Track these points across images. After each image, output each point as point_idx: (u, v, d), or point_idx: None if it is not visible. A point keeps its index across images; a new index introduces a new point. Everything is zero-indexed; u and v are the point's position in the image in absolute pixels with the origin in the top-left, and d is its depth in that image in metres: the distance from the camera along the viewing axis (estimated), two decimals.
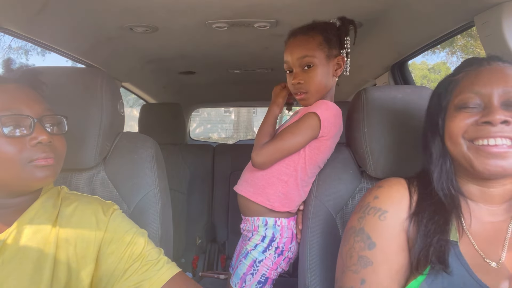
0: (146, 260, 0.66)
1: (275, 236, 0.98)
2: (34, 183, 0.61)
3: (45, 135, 0.61)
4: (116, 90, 0.95)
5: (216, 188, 2.05)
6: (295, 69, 0.96)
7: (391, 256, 0.61)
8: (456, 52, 10.57)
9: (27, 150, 0.60)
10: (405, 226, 0.63)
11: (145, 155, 0.92)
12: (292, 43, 0.96)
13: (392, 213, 0.64)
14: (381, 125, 0.90)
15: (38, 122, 0.61)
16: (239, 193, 1.02)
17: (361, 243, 0.63)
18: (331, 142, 0.95)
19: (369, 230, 0.63)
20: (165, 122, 1.95)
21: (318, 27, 0.95)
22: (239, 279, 0.97)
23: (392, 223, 0.63)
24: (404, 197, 0.66)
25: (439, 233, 0.59)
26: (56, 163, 0.64)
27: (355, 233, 0.65)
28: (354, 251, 0.64)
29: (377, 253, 0.61)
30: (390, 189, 0.67)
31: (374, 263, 0.61)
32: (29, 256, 0.60)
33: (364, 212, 0.66)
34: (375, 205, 0.66)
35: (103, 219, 0.68)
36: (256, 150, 0.95)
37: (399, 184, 0.68)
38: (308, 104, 0.97)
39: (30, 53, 9.34)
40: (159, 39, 1.32)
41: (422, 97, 0.93)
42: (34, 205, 0.65)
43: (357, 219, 0.67)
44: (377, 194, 0.67)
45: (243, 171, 1.06)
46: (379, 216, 0.64)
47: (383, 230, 0.63)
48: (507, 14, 0.80)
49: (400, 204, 0.65)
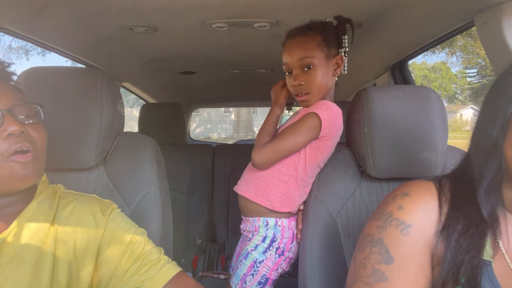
0: (147, 260, 0.66)
1: (276, 236, 0.98)
2: (15, 182, 0.59)
3: (16, 125, 0.58)
4: (116, 90, 0.95)
5: (216, 188, 2.05)
6: (295, 70, 0.95)
7: (409, 275, 0.56)
8: (456, 52, 10.58)
9: (0, 143, 0.57)
10: (432, 242, 0.57)
11: (145, 155, 0.92)
12: (291, 44, 0.96)
13: (417, 228, 0.57)
14: (381, 125, 0.90)
15: (7, 113, 0.58)
16: (240, 193, 1.02)
17: (378, 255, 0.58)
18: (332, 142, 0.95)
19: (388, 243, 0.58)
20: (165, 122, 1.95)
21: (316, 27, 0.95)
22: (239, 279, 0.97)
23: (415, 238, 0.57)
24: (433, 210, 0.58)
25: (472, 250, 0.53)
26: (35, 158, 0.61)
27: (373, 243, 0.60)
28: (369, 261, 0.59)
29: (394, 269, 0.56)
30: (418, 200, 0.59)
31: (389, 279, 0.56)
32: (28, 258, 0.59)
33: (386, 221, 0.60)
34: (399, 216, 0.59)
35: (101, 219, 0.67)
36: (256, 150, 0.94)
37: (428, 192, 0.60)
38: (309, 105, 0.97)
39: (30, 53, 9.36)
40: (159, 39, 1.32)
41: (422, 96, 0.93)
42: (31, 206, 0.64)
43: (377, 227, 0.60)
44: (402, 204, 0.60)
45: (244, 171, 1.06)
46: (402, 230, 0.57)
47: (405, 246, 0.57)
48: (507, 14, 0.80)
49: (428, 218, 0.57)
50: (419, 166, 0.88)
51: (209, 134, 15.26)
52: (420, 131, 0.87)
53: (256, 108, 14.80)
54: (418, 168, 0.88)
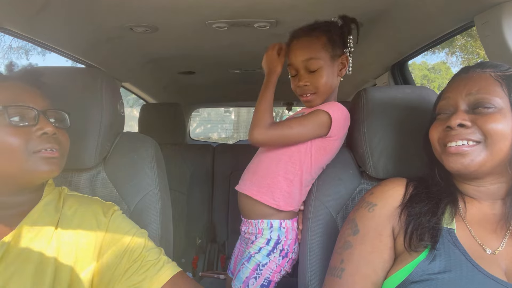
0: (146, 260, 0.66)
1: (280, 238, 0.97)
2: (38, 175, 0.62)
3: (50, 126, 0.63)
4: (116, 90, 0.95)
5: (216, 188, 2.05)
6: (300, 71, 0.94)
7: (367, 241, 0.68)
8: (455, 52, 10.57)
9: (33, 140, 0.61)
10: (394, 215, 0.69)
11: (145, 155, 0.92)
12: (296, 45, 0.95)
13: (381, 205, 0.71)
14: (381, 125, 0.90)
15: (42, 114, 0.63)
16: (243, 192, 1.00)
17: (349, 230, 0.72)
18: (338, 144, 0.95)
19: (358, 220, 0.72)
20: (165, 122, 1.95)
21: (321, 28, 0.94)
22: (241, 282, 0.96)
23: (378, 213, 0.70)
24: (398, 191, 0.72)
25: (430, 214, 0.65)
26: (61, 156, 0.66)
27: (348, 222, 0.74)
28: (343, 236, 0.73)
29: (358, 238, 0.70)
30: (385, 186, 0.74)
31: (353, 246, 0.69)
32: (31, 258, 0.60)
33: (359, 205, 0.75)
34: (369, 199, 0.73)
35: (103, 221, 0.69)
36: (260, 129, 0.90)
37: (397, 181, 0.74)
38: (313, 105, 0.96)
39: (30, 53, 9.35)
40: (159, 39, 1.32)
41: (422, 97, 0.93)
42: (37, 208, 0.66)
43: (354, 211, 0.75)
44: (373, 190, 0.75)
45: (245, 170, 1.04)
46: (369, 209, 0.72)
47: (368, 220, 0.70)
48: (507, 14, 0.80)
49: (391, 197, 0.71)
50: (419, 166, 0.88)
51: (209, 134, 15.26)
52: (420, 131, 0.87)
53: None
54: (418, 168, 0.88)
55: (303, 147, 0.93)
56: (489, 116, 0.60)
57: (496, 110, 0.61)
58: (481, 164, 0.61)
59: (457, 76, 0.69)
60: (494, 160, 0.61)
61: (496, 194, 0.65)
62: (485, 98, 0.61)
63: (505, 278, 0.58)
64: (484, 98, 0.61)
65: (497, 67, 0.65)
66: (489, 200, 0.66)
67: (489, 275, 0.58)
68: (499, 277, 0.58)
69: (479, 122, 0.61)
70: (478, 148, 0.61)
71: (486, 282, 0.57)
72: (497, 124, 0.60)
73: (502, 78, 0.62)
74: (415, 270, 0.61)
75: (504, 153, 0.61)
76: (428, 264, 0.60)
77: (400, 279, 0.62)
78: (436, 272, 0.59)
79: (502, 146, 0.60)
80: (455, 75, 0.70)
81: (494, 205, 0.66)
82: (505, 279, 0.58)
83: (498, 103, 0.61)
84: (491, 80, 0.63)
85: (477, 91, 0.62)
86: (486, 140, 0.61)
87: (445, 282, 0.58)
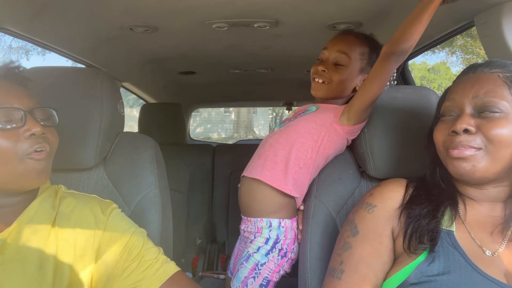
0: (145, 259, 0.66)
1: (279, 237, 0.96)
2: (32, 179, 0.61)
3: (38, 126, 0.61)
4: (116, 90, 0.95)
5: (216, 188, 2.05)
6: (329, 59, 0.96)
7: (367, 241, 0.68)
8: (455, 52, 10.58)
9: (22, 142, 0.60)
10: (393, 216, 0.69)
11: (145, 155, 0.92)
12: (340, 37, 0.97)
13: (380, 207, 0.71)
14: (381, 125, 0.90)
15: (29, 114, 0.61)
16: (254, 177, 0.96)
17: (349, 232, 0.72)
18: (346, 141, 0.96)
19: (357, 222, 0.72)
20: (165, 122, 1.95)
21: (371, 40, 0.97)
22: (240, 282, 0.96)
23: (377, 215, 0.70)
24: (397, 192, 0.72)
25: (430, 217, 0.65)
26: (49, 156, 0.64)
27: (347, 224, 0.74)
28: (342, 237, 0.73)
29: (357, 239, 0.69)
30: (385, 187, 0.74)
31: (353, 248, 0.69)
32: (30, 256, 0.60)
33: (359, 206, 0.74)
34: (368, 200, 0.73)
35: (101, 219, 0.68)
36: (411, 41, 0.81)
37: (397, 182, 0.74)
38: (318, 95, 0.97)
39: (30, 53, 9.36)
40: (159, 39, 1.32)
41: (422, 97, 0.93)
42: (33, 205, 0.65)
43: (353, 212, 0.75)
44: (373, 191, 0.75)
45: (253, 158, 1.01)
46: (368, 210, 0.71)
47: (368, 222, 0.70)
48: (507, 14, 0.80)
49: (391, 198, 0.71)
50: (419, 166, 0.88)
51: (209, 134, 15.26)
52: (420, 131, 0.87)
53: (256, 108, 14.80)
54: (418, 168, 0.88)
55: (316, 135, 0.93)
56: (495, 122, 0.59)
57: (502, 115, 0.59)
58: (484, 170, 0.60)
59: (464, 75, 0.67)
60: (497, 167, 0.60)
61: (497, 197, 0.65)
62: (492, 102, 0.60)
63: (504, 280, 0.58)
64: (491, 102, 0.60)
65: (505, 67, 0.63)
66: (490, 203, 0.66)
67: (488, 276, 0.58)
68: (498, 279, 0.58)
69: (484, 128, 0.60)
70: (479, 154, 0.61)
71: (485, 283, 0.57)
72: (502, 130, 0.59)
73: (511, 80, 0.61)
74: (414, 272, 0.61)
75: (507, 159, 0.60)
76: (427, 266, 0.61)
77: (399, 280, 0.62)
78: (435, 274, 0.60)
79: (504, 152, 0.59)
80: (462, 72, 0.68)
81: (495, 207, 0.65)
82: (505, 280, 0.58)
83: (505, 107, 0.60)
84: (499, 81, 0.61)
85: (484, 94, 0.61)
86: (487, 146, 0.60)
87: (444, 284, 0.58)
